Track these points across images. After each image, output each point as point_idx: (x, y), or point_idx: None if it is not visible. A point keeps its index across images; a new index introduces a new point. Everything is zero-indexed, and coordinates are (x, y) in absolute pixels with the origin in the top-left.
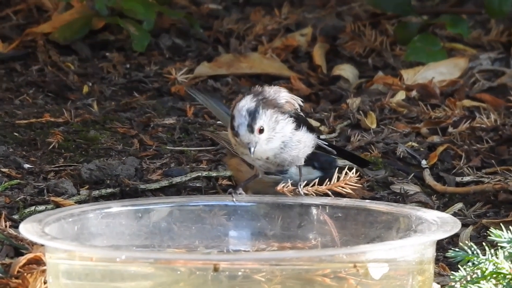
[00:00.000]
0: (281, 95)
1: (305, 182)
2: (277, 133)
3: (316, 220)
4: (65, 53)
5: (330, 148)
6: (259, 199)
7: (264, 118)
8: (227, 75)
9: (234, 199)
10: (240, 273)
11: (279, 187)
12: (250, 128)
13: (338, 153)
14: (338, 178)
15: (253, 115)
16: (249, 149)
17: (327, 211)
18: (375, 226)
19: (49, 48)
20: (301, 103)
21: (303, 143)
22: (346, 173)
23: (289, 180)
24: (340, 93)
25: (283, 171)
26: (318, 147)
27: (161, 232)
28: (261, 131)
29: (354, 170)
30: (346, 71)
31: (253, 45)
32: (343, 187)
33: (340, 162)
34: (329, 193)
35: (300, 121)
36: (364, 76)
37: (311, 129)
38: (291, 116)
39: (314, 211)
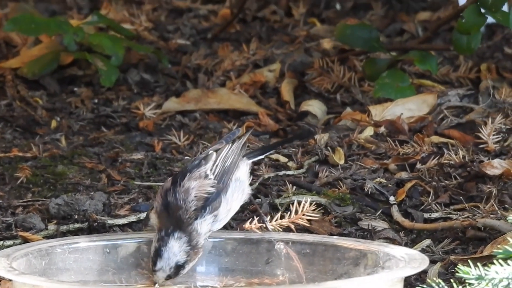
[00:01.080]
0: (190, 194)
1: (268, 217)
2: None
3: (284, 256)
4: (33, 88)
5: (268, 152)
6: (227, 235)
7: (187, 268)
8: (195, 111)
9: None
10: None
11: (246, 225)
12: (169, 278)
13: (281, 145)
14: (296, 211)
15: (177, 270)
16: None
17: (295, 246)
18: (343, 262)
19: (17, 83)
20: (207, 165)
21: (234, 200)
22: (303, 205)
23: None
24: (308, 129)
25: None
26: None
27: (129, 268)
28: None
29: (311, 203)
30: (314, 107)
31: (221, 80)
32: (301, 219)
33: (308, 198)
34: (291, 226)
35: (217, 191)
36: (332, 112)
37: (236, 162)
38: (203, 209)
39: (281, 247)
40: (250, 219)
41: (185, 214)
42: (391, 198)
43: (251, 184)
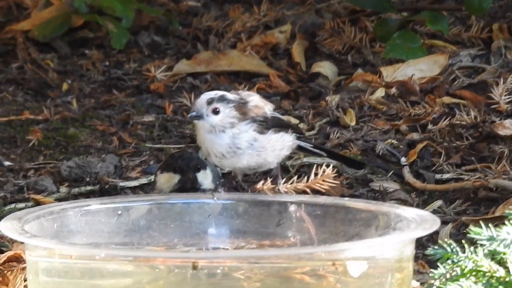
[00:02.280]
0: (251, 98)
1: (284, 179)
2: (225, 132)
3: (295, 218)
4: (44, 51)
5: (316, 150)
6: (238, 197)
7: (227, 110)
8: (206, 73)
9: (214, 198)
10: (219, 271)
11: (259, 186)
12: (211, 101)
13: (328, 155)
14: (316, 175)
15: (223, 99)
16: (191, 112)
17: (306, 209)
18: (354, 224)
19: (28, 46)
20: (270, 106)
21: (271, 147)
22: (323, 170)
23: (268, 179)
24: (320, 90)
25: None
26: (300, 148)
27: (140, 230)
28: (215, 111)
29: (331, 167)
30: (325, 68)
31: (232, 42)
32: (321, 184)
33: (319, 159)
34: (308, 190)
35: (268, 125)
36: (343, 73)
37: (289, 129)
38: (255, 121)
39: (292, 208)
40: (262, 180)
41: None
42: (403, 159)
43: None
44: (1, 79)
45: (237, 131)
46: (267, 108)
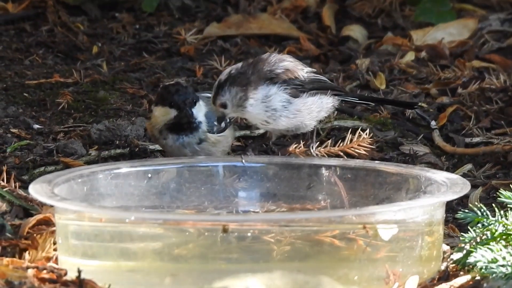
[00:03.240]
0: (283, 64)
1: (317, 143)
2: (247, 108)
3: (326, 181)
4: (74, 14)
5: (363, 101)
6: (268, 160)
7: (227, 95)
8: (236, 36)
9: (243, 160)
10: (249, 234)
11: (291, 148)
12: (213, 100)
13: (377, 102)
14: (351, 139)
15: (218, 89)
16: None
17: (337, 172)
18: (385, 187)
19: (58, 9)
20: (307, 69)
21: (307, 109)
22: (359, 135)
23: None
24: (349, 54)
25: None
26: (344, 102)
27: (171, 193)
28: (223, 106)
29: (367, 131)
30: (355, 31)
31: (262, 5)
32: (356, 149)
33: (350, 123)
34: (342, 154)
35: (303, 87)
36: (373, 37)
37: (329, 90)
38: (288, 84)
39: (323, 172)
40: (295, 143)
41: (266, 68)
42: (433, 123)
43: None
44: (31, 42)
45: (266, 101)
46: (300, 72)
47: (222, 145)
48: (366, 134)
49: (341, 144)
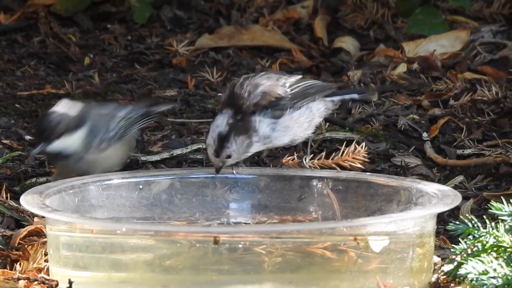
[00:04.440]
0: (258, 90)
1: (311, 155)
2: (250, 149)
3: (317, 193)
4: (66, 25)
5: (350, 95)
6: (260, 172)
7: (233, 147)
8: (228, 47)
9: (234, 172)
10: (240, 246)
11: (284, 160)
12: (216, 154)
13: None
14: (346, 152)
15: (221, 141)
16: (215, 169)
17: (328, 184)
18: (376, 199)
19: (50, 20)
20: (291, 79)
21: (296, 123)
22: (354, 148)
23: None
24: (341, 65)
25: None
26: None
27: (162, 204)
28: (228, 156)
29: (363, 144)
30: (347, 43)
31: (255, 17)
32: (350, 161)
33: (341, 134)
34: (335, 166)
35: (286, 105)
36: (365, 49)
37: (316, 95)
38: (268, 108)
39: (315, 183)
40: (287, 154)
41: (245, 103)
42: (424, 135)
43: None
44: (23, 53)
45: (256, 130)
46: (280, 90)
47: (110, 161)
48: (362, 147)
49: (335, 157)
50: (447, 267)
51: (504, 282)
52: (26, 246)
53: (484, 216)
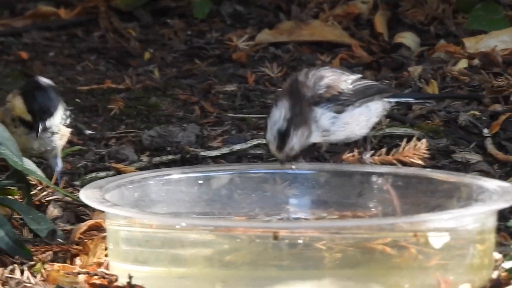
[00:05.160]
0: (323, 82)
1: (372, 152)
2: (311, 136)
3: (377, 189)
4: (126, 20)
5: (420, 100)
6: (320, 167)
7: (294, 140)
8: (288, 42)
9: (293, 167)
10: (300, 241)
11: (344, 156)
12: (280, 149)
13: (436, 99)
14: (406, 148)
15: (282, 137)
16: (280, 162)
17: (388, 180)
18: (436, 195)
19: (110, 15)
20: (352, 77)
21: (355, 121)
22: (415, 144)
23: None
24: (402, 61)
25: None
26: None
27: (222, 200)
28: (291, 150)
29: (424, 141)
30: (408, 39)
31: (315, 12)
32: (410, 157)
33: (402, 130)
34: (396, 162)
35: (348, 101)
36: (426, 44)
37: (377, 95)
38: (331, 102)
39: (375, 179)
40: (348, 150)
41: (309, 92)
42: (485, 131)
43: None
44: (83, 48)
45: (316, 121)
46: (343, 85)
47: (65, 140)
48: (422, 143)
49: (395, 153)
50: (508, 264)
51: None
52: (86, 240)
53: None
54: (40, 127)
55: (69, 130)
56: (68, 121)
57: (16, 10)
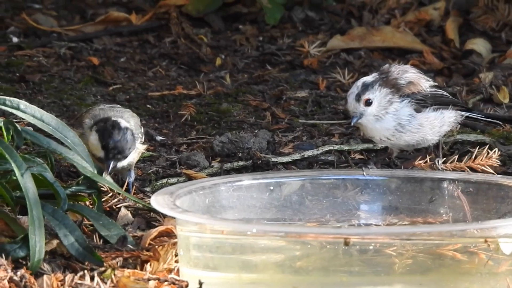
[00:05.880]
0: (406, 75)
1: (444, 158)
2: (388, 113)
3: (447, 195)
4: (198, 25)
5: (489, 119)
6: (391, 173)
7: (376, 94)
8: (359, 48)
9: (364, 173)
10: (371, 247)
11: (416, 162)
12: (358, 97)
13: (504, 121)
14: (478, 156)
15: (365, 87)
16: (352, 117)
17: (459, 186)
18: (507, 201)
19: (182, 20)
20: (429, 82)
21: (430, 124)
22: (487, 153)
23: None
24: (473, 67)
25: None
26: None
27: (293, 206)
28: (368, 103)
29: (496, 150)
30: (479, 45)
31: (386, 18)
32: (482, 165)
33: (473, 136)
34: (467, 169)
35: (426, 103)
36: (496, 51)
37: (451, 105)
38: (411, 98)
39: (445, 185)
40: (420, 157)
41: (392, 77)
42: None
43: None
44: (154, 54)
45: (397, 107)
46: (423, 85)
47: (140, 153)
48: (495, 153)
49: (467, 160)
50: None
51: None
52: (156, 246)
53: None
54: (111, 166)
55: (144, 146)
56: (143, 138)
57: (87, 16)
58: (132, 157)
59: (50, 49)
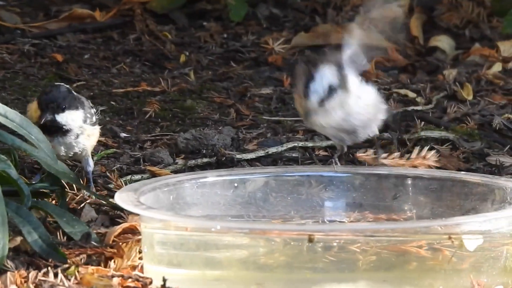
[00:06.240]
0: None
1: (386, 154)
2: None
3: (412, 192)
4: (162, 22)
5: None
6: (355, 170)
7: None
8: (324, 46)
9: (335, 169)
10: (335, 244)
11: (359, 154)
12: (322, 102)
13: None
14: (418, 153)
15: (331, 93)
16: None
17: (423, 182)
18: (470, 198)
19: (146, 17)
20: None
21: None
22: (425, 154)
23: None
24: (437, 64)
25: None
26: None
27: (257, 202)
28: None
29: (433, 151)
30: (443, 42)
31: (350, 15)
32: (422, 164)
33: (437, 133)
34: (405, 165)
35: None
36: (460, 48)
37: None
38: None
39: (409, 182)
40: (364, 149)
41: None
42: None
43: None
44: (118, 51)
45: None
46: None
47: (94, 139)
48: (432, 153)
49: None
50: None
51: None
52: (120, 243)
53: None
54: (47, 117)
55: (97, 129)
56: (94, 119)
57: (51, 13)
58: (85, 141)
59: (13, 45)
